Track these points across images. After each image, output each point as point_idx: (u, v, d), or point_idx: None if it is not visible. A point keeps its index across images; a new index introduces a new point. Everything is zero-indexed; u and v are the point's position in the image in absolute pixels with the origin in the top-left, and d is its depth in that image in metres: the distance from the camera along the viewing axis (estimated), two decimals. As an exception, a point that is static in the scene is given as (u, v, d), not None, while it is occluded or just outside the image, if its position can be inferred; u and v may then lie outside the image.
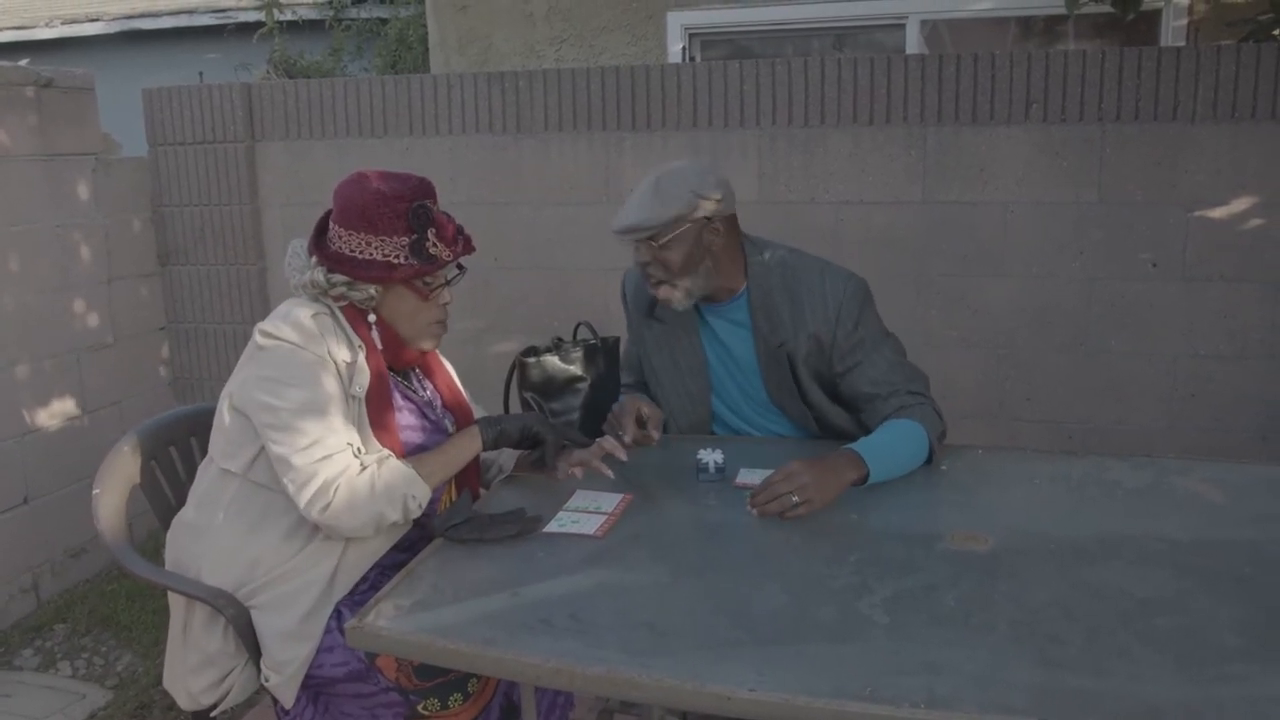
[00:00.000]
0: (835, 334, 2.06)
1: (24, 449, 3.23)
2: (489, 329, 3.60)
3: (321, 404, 1.70)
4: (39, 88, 3.27)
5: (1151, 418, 3.11)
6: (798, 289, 2.09)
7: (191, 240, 3.80)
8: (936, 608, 1.44)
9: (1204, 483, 1.92)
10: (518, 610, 1.47)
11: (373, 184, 1.76)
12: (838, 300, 2.06)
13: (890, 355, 2.09)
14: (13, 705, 2.75)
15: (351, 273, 1.76)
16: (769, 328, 2.11)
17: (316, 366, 1.71)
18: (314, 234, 1.84)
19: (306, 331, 1.72)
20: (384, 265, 1.76)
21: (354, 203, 1.76)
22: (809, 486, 1.77)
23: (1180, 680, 1.24)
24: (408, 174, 1.81)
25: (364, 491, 1.67)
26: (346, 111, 3.61)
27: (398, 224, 1.75)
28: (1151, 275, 3.04)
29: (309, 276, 1.78)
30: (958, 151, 3.12)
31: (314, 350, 1.72)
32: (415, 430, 1.87)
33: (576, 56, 4.82)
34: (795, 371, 2.11)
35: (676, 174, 2.03)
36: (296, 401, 1.68)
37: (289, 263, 1.84)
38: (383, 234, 1.75)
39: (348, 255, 1.76)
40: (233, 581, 1.75)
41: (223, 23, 8.70)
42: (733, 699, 1.24)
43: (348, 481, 1.67)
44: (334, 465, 1.67)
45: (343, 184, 1.80)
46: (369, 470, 1.70)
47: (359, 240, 1.76)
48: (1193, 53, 2.91)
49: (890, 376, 2.06)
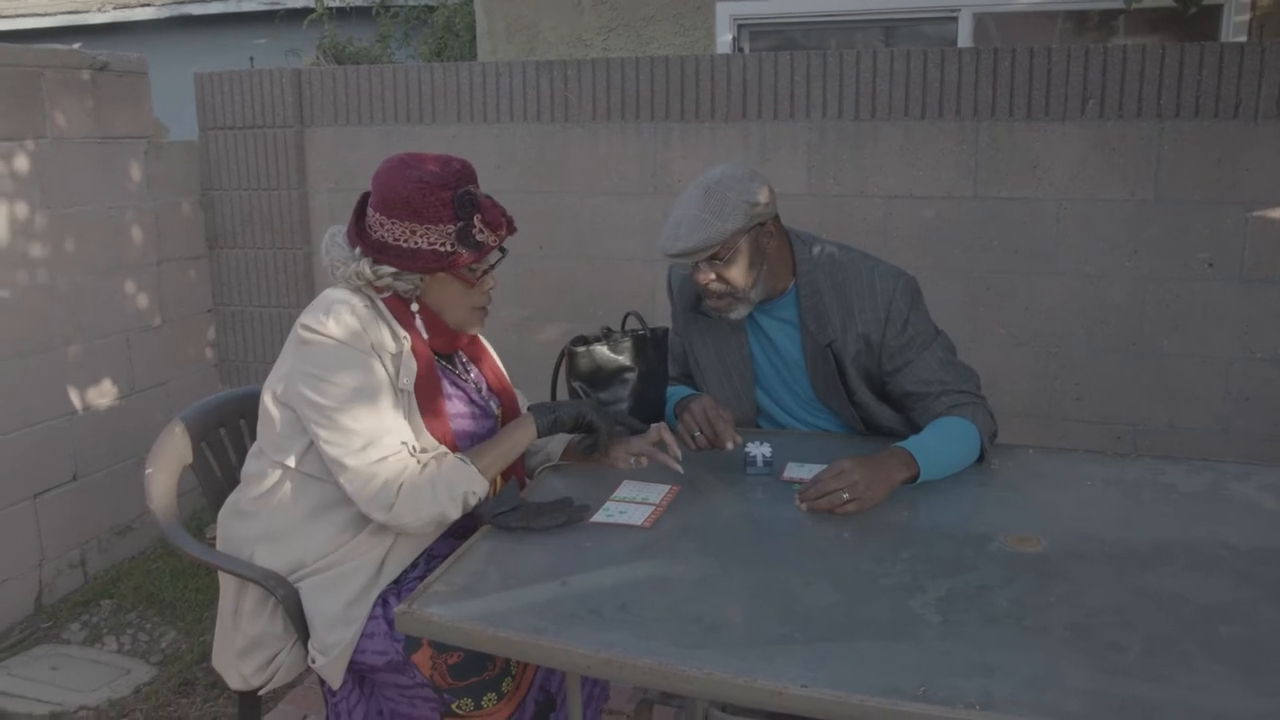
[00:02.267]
0: (885, 333, 2.03)
1: (73, 427, 3.28)
2: (533, 317, 3.61)
3: (370, 400, 1.69)
4: (95, 71, 3.31)
5: (1204, 421, 3.05)
6: (846, 287, 2.06)
7: (239, 224, 3.83)
8: (990, 609, 1.42)
9: (1263, 489, 1.87)
10: (567, 600, 1.47)
11: (414, 170, 1.73)
12: (888, 299, 2.03)
13: (941, 354, 2.06)
14: (60, 678, 2.80)
15: (398, 262, 1.74)
16: (817, 326, 2.08)
17: (363, 360, 1.70)
18: (353, 221, 1.81)
19: (350, 326, 1.71)
20: (430, 254, 1.74)
21: (397, 191, 1.73)
22: (859, 484, 1.75)
23: (1246, 691, 1.21)
24: (446, 157, 1.79)
25: (427, 492, 1.68)
26: (395, 98, 3.62)
27: (443, 211, 1.73)
28: (1208, 275, 2.97)
29: (354, 268, 1.76)
30: (1010, 147, 3.07)
31: (358, 345, 1.70)
32: (464, 418, 1.87)
33: (624, 46, 4.80)
34: (843, 371, 2.09)
35: (723, 185, 1.96)
36: (343, 399, 1.67)
37: (329, 252, 1.82)
38: (428, 222, 1.73)
39: (391, 244, 1.74)
40: (285, 566, 1.76)
41: (272, 8, 8.77)
42: (784, 694, 1.23)
43: (410, 482, 1.67)
44: (392, 466, 1.67)
45: (382, 170, 1.78)
46: (429, 469, 1.70)
47: (403, 229, 1.73)
48: (1256, 48, 2.84)
49: (941, 375, 2.03)
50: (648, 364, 2.28)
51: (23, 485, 3.11)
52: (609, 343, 2.25)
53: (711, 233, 1.93)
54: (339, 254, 1.80)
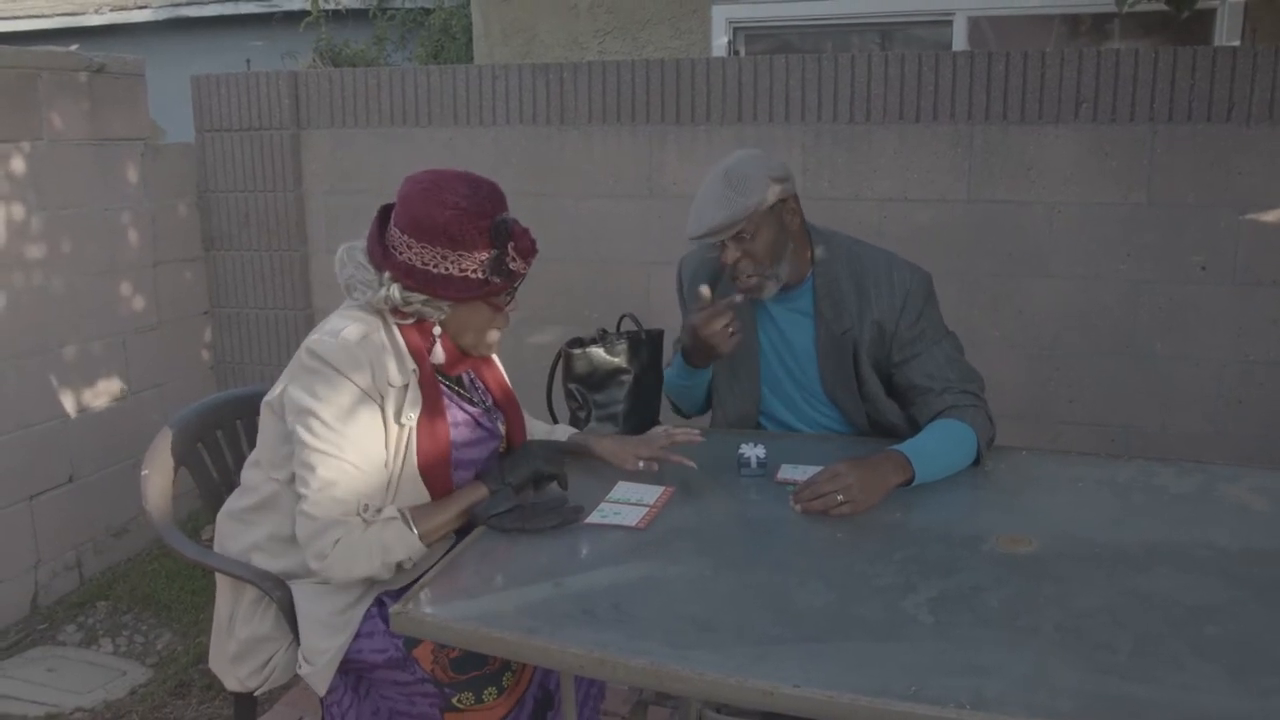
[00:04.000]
0: (899, 323, 2.06)
1: (69, 429, 3.28)
2: (529, 319, 3.61)
3: (345, 446, 1.65)
4: (91, 73, 3.31)
5: (1198, 423, 3.06)
6: (864, 276, 2.09)
7: (236, 226, 3.84)
8: (982, 609, 1.43)
9: (1253, 491, 1.88)
10: (561, 600, 1.48)
11: (448, 194, 1.69)
12: (905, 289, 2.06)
13: (948, 350, 2.09)
14: (56, 679, 2.80)
15: (429, 289, 1.71)
16: (834, 315, 2.10)
17: (355, 401, 1.67)
18: (375, 238, 1.76)
19: (355, 358, 1.68)
20: (462, 281, 1.71)
21: (432, 217, 1.68)
22: (853, 487, 1.76)
23: (1234, 691, 1.22)
24: (474, 178, 1.74)
25: (362, 552, 1.65)
26: (391, 101, 3.63)
27: (479, 240, 1.69)
28: (1201, 278, 2.99)
29: (384, 294, 1.71)
30: (1004, 150, 3.08)
31: (358, 381, 1.67)
32: (470, 445, 1.85)
33: (620, 49, 4.81)
34: (857, 359, 2.10)
35: (743, 163, 2.00)
36: (322, 436, 1.65)
37: (347, 271, 1.77)
38: (462, 249, 1.69)
39: (420, 269, 1.70)
40: (280, 570, 1.77)
41: (269, 11, 8.78)
42: (776, 694, 1.23)
43: (347, 540, 1.64)
44: (335, 521, 1.64)
45: (413, 192, 1.72)
46: (372, 530, 1.66)
47: (434, 254, 1.69)
48: (1249, 53, 2.86)
49: (945, 372, 2.05)
50: (643, 365, 2.29)
51: (19, 487, 3.11)
52: (605, 344, 2.27)
53: (736, 209, 1.95)
54: (361, 275, 1.75)
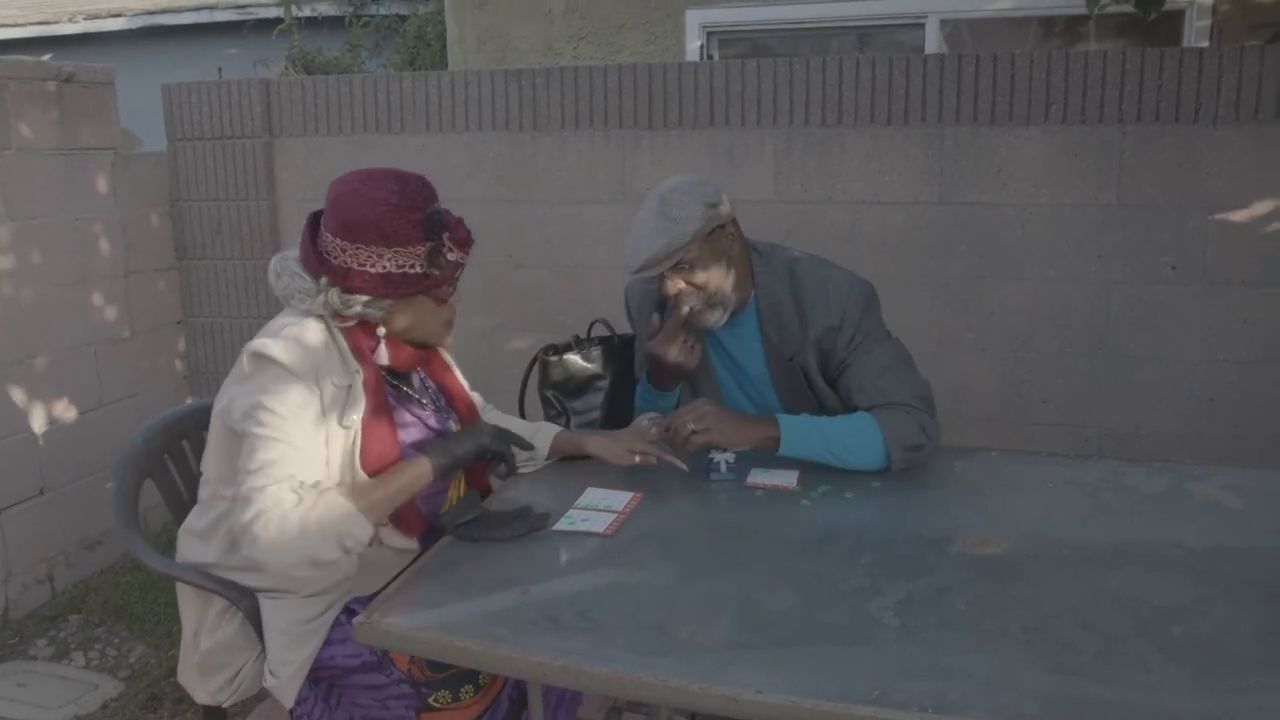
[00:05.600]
0: (836, 341, 2.03)
1: (40, 441, 3.24)
2: (502, 326, 3.60)
3: (286, 427, 1.61)
4: (60, 82, 3.28)
5: (1170, 423, 3.08)
6: (803, 298, 2.06)
7: (208, 235, 3.81)
8: (948, 612, 1.43)
9: (1222, 489, 1.89)
10: (526, 608, 1.47)
11: (376, 191, 1.67)
12: (841, 308, 2.02)
13: (883, 360, 2.03)
14: (27, 694, 2.77)
15: (369, 289, 1.69)
16: (780, 339, 2.08)
17: (298, 388, 1.64)
18: (307, 245, 1.74)
19: (296, 351, 1.65)
20: (401, 278, 1.69)
21: (362, 215, 1.66)
22: (708, 416, 1.91)
23: (1198, 691, 1.22)
24: (400, 174, 1.72)
25: (295, 529, 1.55)
26: (364, 108, 3.61)
27: (413, 233, 1.68)
28: (1171, 279, 3.00)
29: (322, 299, 1.69)
30: (976, 152, 3.09)
31: (299, 372, 1.64)
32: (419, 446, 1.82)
33: (595, 54, 4.81)
34: (810, 382, 2.09)
35: (677, 192, 1.96)
36: (269, 425, 1.61)
37: (282, 281, 1.75)
38: (396, 245, 1.67)
39: (357, 269, 1.68)
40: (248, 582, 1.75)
41: (243, 18, 8.73)
42: (739, 700, 1.23)
43: (279, 516, 1.55)
44: (269, 495, 1.56)
45: (341, 193, 1.70)
46: (304, 504, 1.57)
47: (368, 253, 1.67)
48: (1215, 54, 2.88)
49: (878, 383, 2.01)
50: (617, 371, 2.28)
51: (-12, 500, 3.08)
52: (579, 351, 2.26)
53: (672, 238, 1.92)
54: (298, 284, 1.73)
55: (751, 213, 2.15)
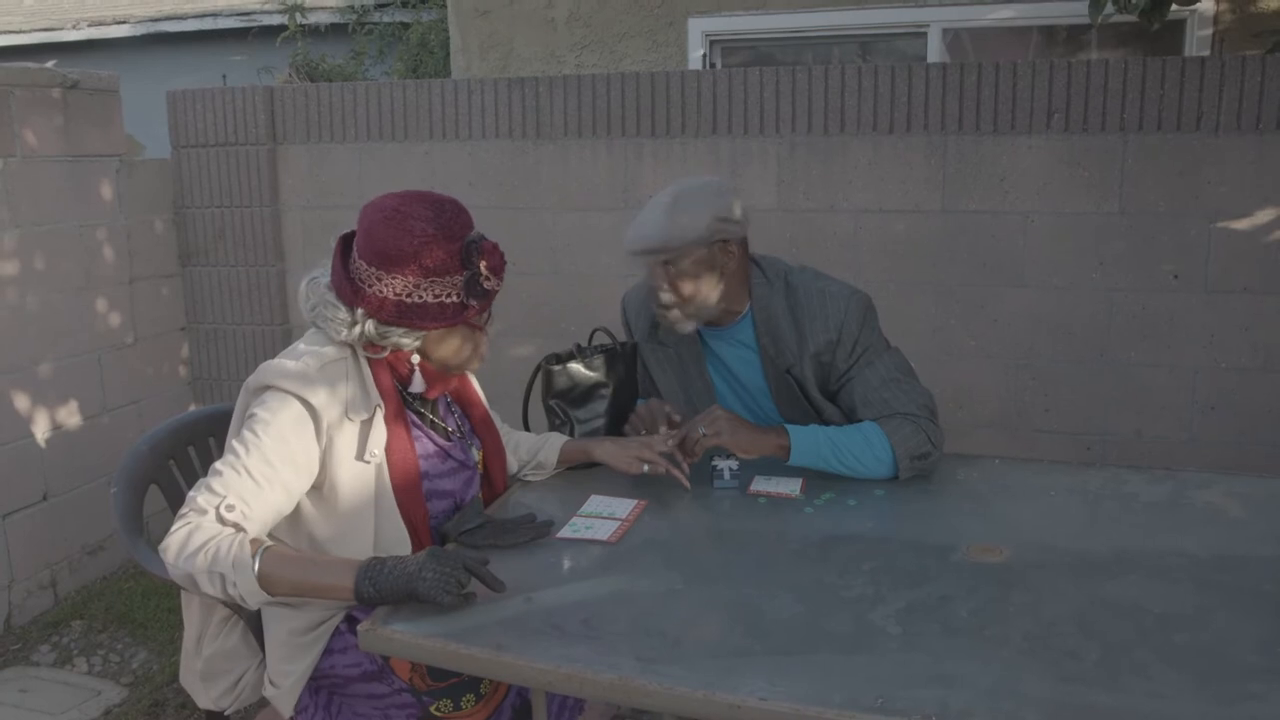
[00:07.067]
0: (835, 354, 2.03)
1: (43, 447, 3.25)
2: (505, 334, 3.60)
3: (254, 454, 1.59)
4: (65, 89, 3.30)
5: (1172, 430, 3.08)
6: (799, 310, 2.06)
7: (212, 241, 3.82)
8: (950, 619, 1.43)
9: (1224, 497, 1.90)
10: (530, 615, 1.48)
11: (414, 223, 1.64)
12: (839, 321, 2.02)
13: (885, 371, 2.03)
14: (29, 700, 2.77)
15: (406, 321, 1.66)
16: (775, 351, 2.08)
17: (294, 422, 1.62)
18: (340, 272, 1.70)
19: (311, 381, 1.64)
20: (438, 308, 1.66)
21: (401, 248, 1.63)
22: (720, 420, 1.94)
23: (1200, 699, 1.22)
24: (439, 199, 1.69)
25: (193, 546, 1.52)
26: (367, 115, 3.62)
27: (452, 264, 1.66)
28: (1173, 287, 3.01)
29: (359, 331, 1.66)
30: (978, 161, 3.10)
31: (311, 400, 1.63)
32: (442, 476, 1.82)
33: (597, 62, 4.83)
34: (806, 393, 2.09)
35: (695, 194, 1.98)
36: (245, 441, 1.60)
37: (308, 300, 1.73)
38: (434, 276, 1.65)
39: (394, 300, 1.65)
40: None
41: (247, 25, 8.76)
42: (743, 708, 1.23)
43: (189, 530, 1.54)
44: (198, 510, 1.56)
45: (377, 221, 1.66)
46: (225, 532, 1.54)
47: (406, 284, 1.64)
48: (1217, 63, 2.89)
49: (882, 394, 2.01)
50: (619, 379, 2.29)
51: (-8, 506, 3.08)
52: (582, 359, 2.26)
53: (669, 236, 1.94)
54: (328, 311, 1.70)
55: (754, 221, 2.15)
